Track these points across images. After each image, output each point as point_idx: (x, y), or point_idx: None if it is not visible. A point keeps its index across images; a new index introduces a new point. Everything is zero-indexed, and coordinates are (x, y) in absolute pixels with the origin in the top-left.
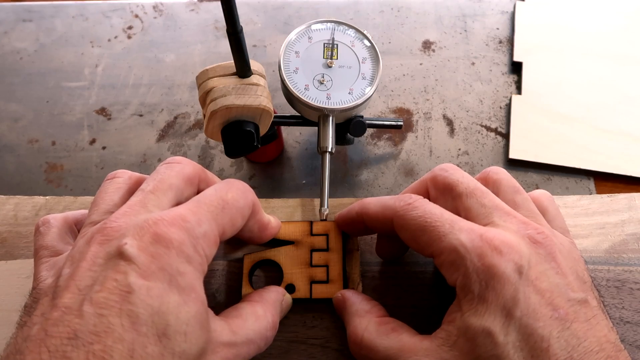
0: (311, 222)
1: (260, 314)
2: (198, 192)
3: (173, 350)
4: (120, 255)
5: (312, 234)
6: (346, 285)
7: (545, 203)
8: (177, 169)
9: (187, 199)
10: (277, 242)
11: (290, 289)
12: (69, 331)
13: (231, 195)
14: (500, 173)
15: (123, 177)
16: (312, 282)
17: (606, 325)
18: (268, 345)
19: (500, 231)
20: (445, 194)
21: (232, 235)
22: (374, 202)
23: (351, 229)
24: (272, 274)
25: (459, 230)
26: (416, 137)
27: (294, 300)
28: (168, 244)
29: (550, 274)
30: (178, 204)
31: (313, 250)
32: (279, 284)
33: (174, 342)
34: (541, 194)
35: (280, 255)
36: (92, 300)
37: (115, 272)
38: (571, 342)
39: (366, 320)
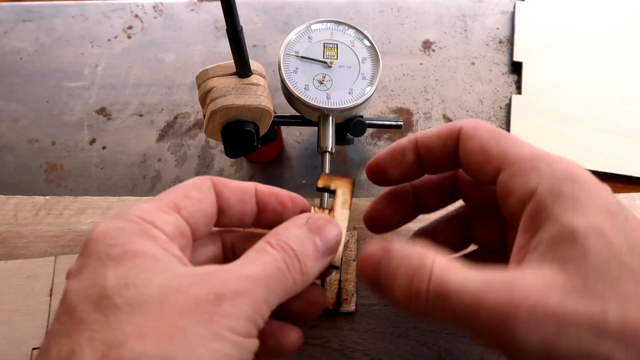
0: None
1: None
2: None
3: None
4: None
5: None
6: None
7: None
8: None
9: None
10: None
11: None
12: None
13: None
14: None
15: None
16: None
17: None
18: (301, 286)
19: None
20: None
21: (205, 230)
22: (429, 130)
23: (393, 165)
24: None
25: (540, 148)
26: None
27: None
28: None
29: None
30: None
31: None
32: None
33: None
34: None
35: None
36: None
37: None
38: None
39: (431, 254)
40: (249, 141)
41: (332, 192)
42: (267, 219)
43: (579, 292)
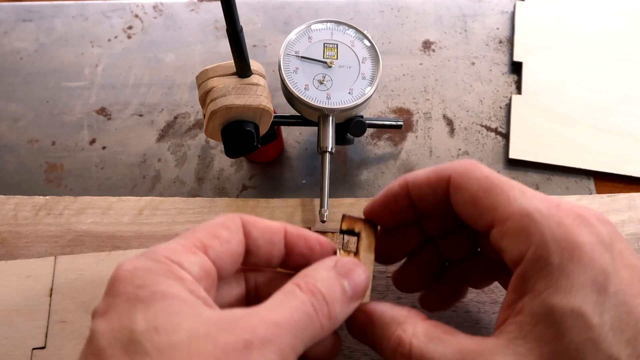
0: None
1: (296, 293)
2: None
3: None
4: None
5: None
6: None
7: None
8: None
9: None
10: None
11: None
12: None
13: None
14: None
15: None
16: None
17: None
18: (328, 330)
19: (574, 204)
20: None
21: (231, 268)
22: (421, 170)
23: (388, 214)
24: None
25: (532, 197)
26: (416, 137)
27: None
28: None
29: (627, 253)
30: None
31: None
32: None
33: None
34: None
35: None
36: None
37: None
38: None
39: (410, 325)
40: (249, 141)
41: (356, 235)
42: (294, 262)
43: None
